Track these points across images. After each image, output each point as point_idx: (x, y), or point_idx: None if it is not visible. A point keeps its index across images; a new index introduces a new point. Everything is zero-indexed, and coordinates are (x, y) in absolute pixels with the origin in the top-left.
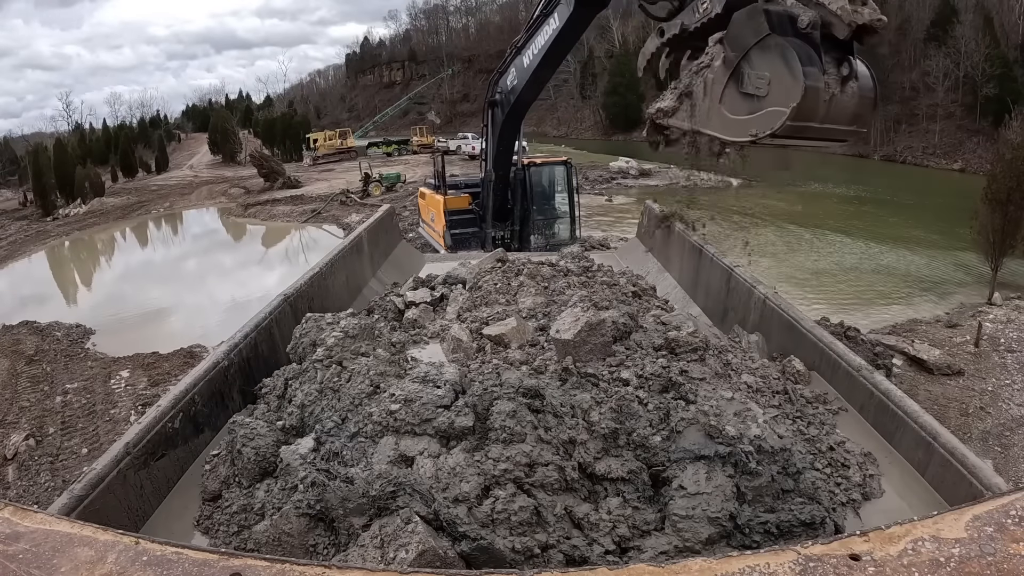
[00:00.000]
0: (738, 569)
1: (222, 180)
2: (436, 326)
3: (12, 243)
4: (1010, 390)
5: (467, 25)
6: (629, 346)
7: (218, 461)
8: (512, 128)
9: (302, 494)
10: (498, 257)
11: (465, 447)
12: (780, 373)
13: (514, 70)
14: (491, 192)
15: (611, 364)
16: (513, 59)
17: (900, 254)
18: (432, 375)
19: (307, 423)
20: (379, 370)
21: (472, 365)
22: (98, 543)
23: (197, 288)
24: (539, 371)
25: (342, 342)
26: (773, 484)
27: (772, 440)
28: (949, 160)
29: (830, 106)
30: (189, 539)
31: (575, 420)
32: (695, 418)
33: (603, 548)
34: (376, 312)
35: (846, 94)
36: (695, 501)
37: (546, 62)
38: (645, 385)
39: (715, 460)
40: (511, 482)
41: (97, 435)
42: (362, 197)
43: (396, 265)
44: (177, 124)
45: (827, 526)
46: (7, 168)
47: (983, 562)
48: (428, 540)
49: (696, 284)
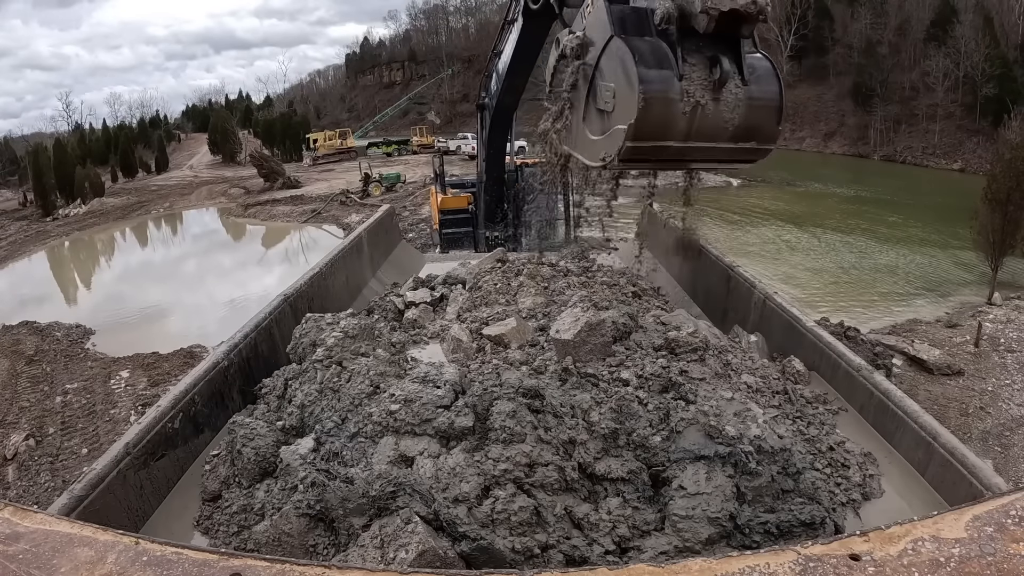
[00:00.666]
0: (738, 569)
1: (222, 180)
2: (436, 326)
3: (12, 243)
4: (1010, 390)
5: (467, 25)
6: (629, 346)
7: (218, 461)
8: (500, 131)
9: (302, 494)
10: (498, 257)
11: (465, 447)
12: (780, 373)
13: (494, 75)
14: (483, 193)
15: (611, 364)
16: (492, 65)
17: (900, 254)
18: (432, 375)
19: (307, 423)
20: (379, 370)
21: (472, 365)
22: (98, 543)
23: (197, 288)
24: (539, 371)
25: (342, 342)
26: (773, 484)
27: (772, 440)
28: (949, 160)
29: (696, 120)
30: (189, 539)
31: (575, 420)
32: (695, 418)
33: (603, 548)
34: (376, 312)
35: (723, 103)
36: (695, 501)
37: (515, 69)
38: (645, 385)
39: (715, 460)
40: (511, 482)
41: (97, 435)
42: (362, 197)
43: (396, 265)
44: (177, 124)
45: (827, 526)
46: (7, 168)
47: (983, 562)
48: (428, 540)
49: (696, 284)
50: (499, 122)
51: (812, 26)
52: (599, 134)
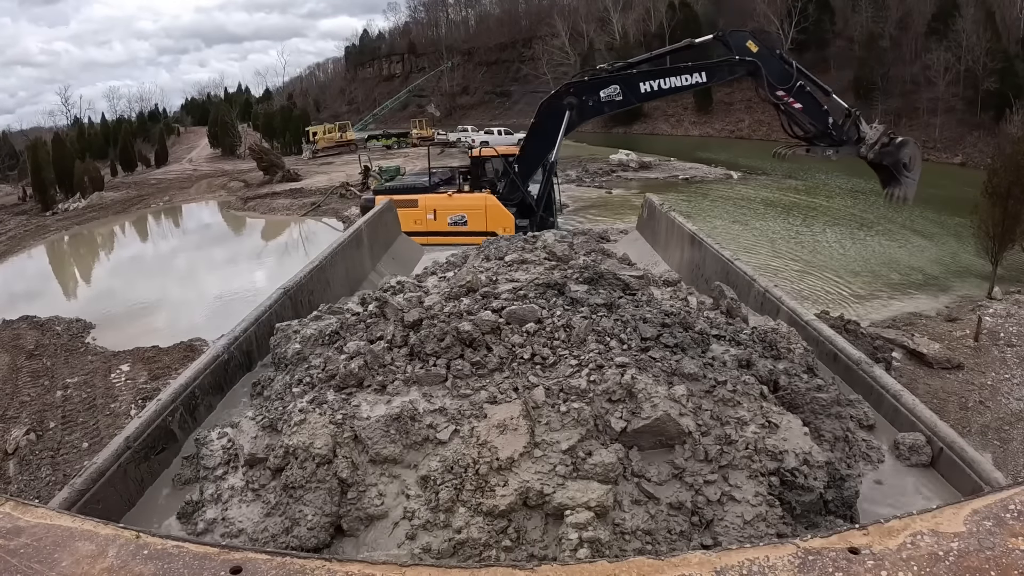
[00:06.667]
0: (737, 562)
1: (221, 174)
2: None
3: (12, 238)
4: (1009, 384)
5: (467, 18)
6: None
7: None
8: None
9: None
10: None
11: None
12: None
13: (616, 91)
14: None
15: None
16: (625, 80)
17: (900, 247)
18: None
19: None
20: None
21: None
22: (99, 537)
23: (197, 282)
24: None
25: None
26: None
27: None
28: (950, 154)
29: None
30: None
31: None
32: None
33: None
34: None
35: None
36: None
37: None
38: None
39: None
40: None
41: (98, 429)
42: (362, 190)
43: (396, 258)
44: (176, 118)
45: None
46: (6, 163)
47: (982, 556)
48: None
49: (695, 276)
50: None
51: (813, 19)
52: None
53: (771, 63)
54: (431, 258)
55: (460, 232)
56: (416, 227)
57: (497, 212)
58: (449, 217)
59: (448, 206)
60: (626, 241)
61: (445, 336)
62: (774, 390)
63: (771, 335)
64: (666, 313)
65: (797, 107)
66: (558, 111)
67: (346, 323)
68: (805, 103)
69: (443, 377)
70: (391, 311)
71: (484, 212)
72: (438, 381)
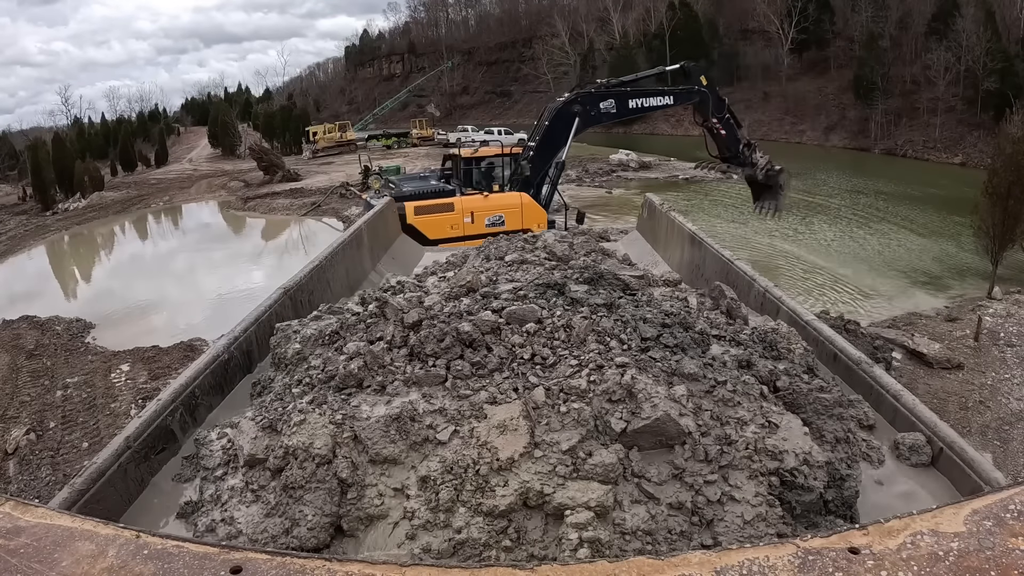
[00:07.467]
0: (737, 562)
1: (221, 173)
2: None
3: (12, 238)
4: (1009, 384)
5: (467, 17)
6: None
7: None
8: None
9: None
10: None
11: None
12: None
13: (622, 103)
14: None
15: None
16: (618, 96)
17: (900, 247)
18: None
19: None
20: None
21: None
22: (99, 537)
23: (197, 282)
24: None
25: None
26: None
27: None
28: (950, 154)
29: None
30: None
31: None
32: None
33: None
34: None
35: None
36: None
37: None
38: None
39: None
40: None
41: (98, 429)
42: (362, 190)
43: (395, 258)
44: (176, 118)
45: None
46: (6, 163)
47: (982, 556)
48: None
49: (695, 276)
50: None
51: (813, 19)
52: None
53: (714, 95)
54: (431, 258)
55: (498, 233)
56: (452, 232)
57: (532, 210)
58: (487, 218)
59: (485, 207)
60: (626, 241)
61: (445, 336)
62: (774, 390)
63: (771, 335)
64: (666, 313)
65: (722, 133)
66: (568, 116)
67: (346, 323)
68: (728, 131)
69: (443, 377)
70: (391, 311)
71: (520, 210)
72: (438, 381)
